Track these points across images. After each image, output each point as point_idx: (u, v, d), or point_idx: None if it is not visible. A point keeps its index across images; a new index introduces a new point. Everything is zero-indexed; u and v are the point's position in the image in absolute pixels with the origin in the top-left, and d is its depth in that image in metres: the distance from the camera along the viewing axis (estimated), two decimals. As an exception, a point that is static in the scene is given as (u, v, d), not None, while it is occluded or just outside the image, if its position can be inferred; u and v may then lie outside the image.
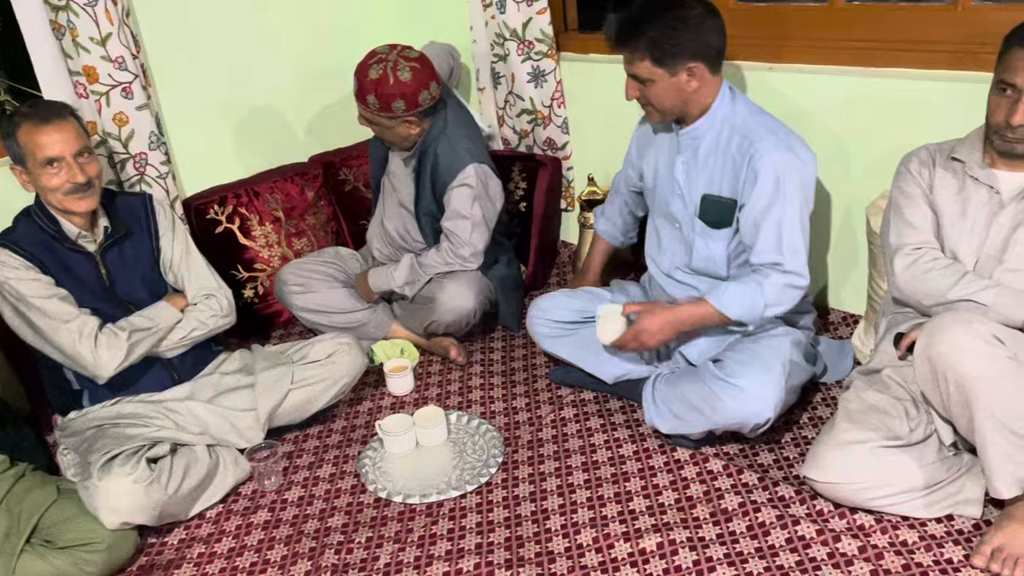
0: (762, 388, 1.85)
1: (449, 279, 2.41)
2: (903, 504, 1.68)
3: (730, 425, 1.90)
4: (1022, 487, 1.53)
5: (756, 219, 1.91)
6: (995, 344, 1.54)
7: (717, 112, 1.97)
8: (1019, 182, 1.75)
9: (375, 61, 2.29)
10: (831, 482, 1.69)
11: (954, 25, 2.06)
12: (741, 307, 1.91)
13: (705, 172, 2.01)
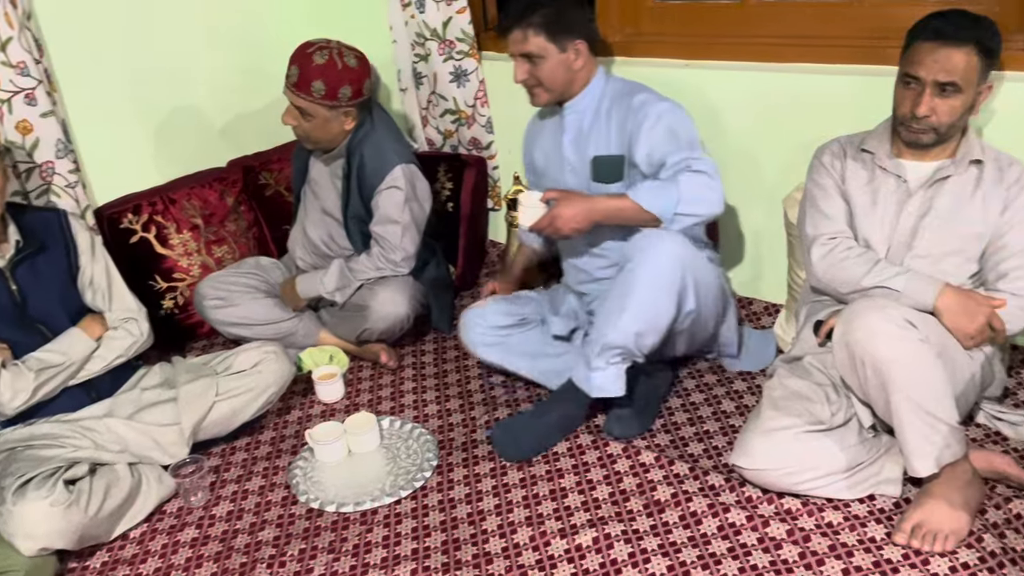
0: (661, 242, 1.87)
1: (380, 286, 2.38)
2: (827, 487, 1.72)
3: (647, 303, 1.87)
4: (939, 465, 1.59)
5: (652, 145, 2.00)
6: (908, 328, 1.60)
7: (595, 88, 2.13)
8: (925, 171, 1.83)
9: (317, 48, 2.25)
10: (758, 468, 1.73)
11: (858, 21, 2.14)
12: (656, 198, 1.92)
13: (592, 139, 2.12)
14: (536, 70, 2.06)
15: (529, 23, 2.02)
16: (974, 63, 1.69)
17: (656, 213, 1.92)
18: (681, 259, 1.88)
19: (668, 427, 2.07)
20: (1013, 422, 1.90)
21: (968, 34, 1.68)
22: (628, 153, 2.07)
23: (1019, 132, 1.95)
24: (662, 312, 1.90)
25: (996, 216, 1.78)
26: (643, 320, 1.89)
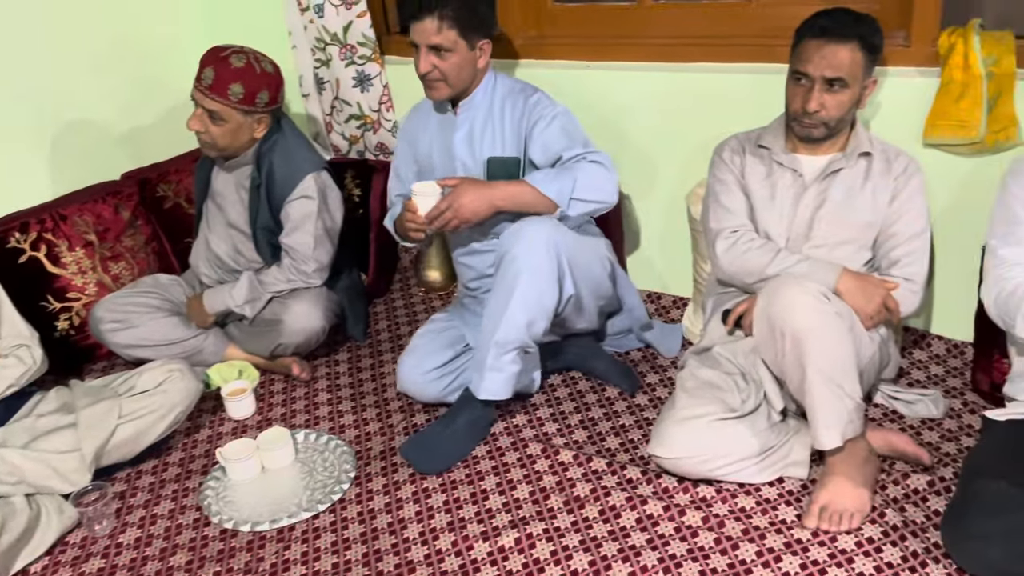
0: (532, 227, 1.89)
1: (293, 299, 2.32)
2: (740, 472, 1.78)
3: (530, 290, 1.88)
4: (843, 439, 1.66)
5: (547, 142, 2.02)
6: (824, 300, 1.66)
7: (487, 87, 2.13)
8: (819, 165, 1.91)
9: (233, 52, 2.18)
10: (675, 457, 1.77)
11: (750, 21, 2.21)
12: (553, 182, 1.94)
13: (487, 138, 2.11)
14: (443, 64, 2.03)
15: (444, 15, 1.99)
16: (859, 59, 1.77)
17: (553, 197, 1.93)
18: (554, 242, 1.89)
19: (585, 424, 2.10)
20: (908, 401, 2.00)
21: (852, 31, 1.76)
22: (523, 153, 2.09)
23: (902, 124, 2.05)
24: (546, 294, 1.91)
25: (885, 206, 1.88)
26: (530, 308, 1.90)
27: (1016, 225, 1.67)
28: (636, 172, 2.46)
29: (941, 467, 1.81)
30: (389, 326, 2.65)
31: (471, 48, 2.04)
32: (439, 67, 2.03)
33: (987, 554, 1.45)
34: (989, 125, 1.93)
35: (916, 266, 1.86)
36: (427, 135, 2.22)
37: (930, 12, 1.97)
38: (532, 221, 1.91)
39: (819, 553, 1.61)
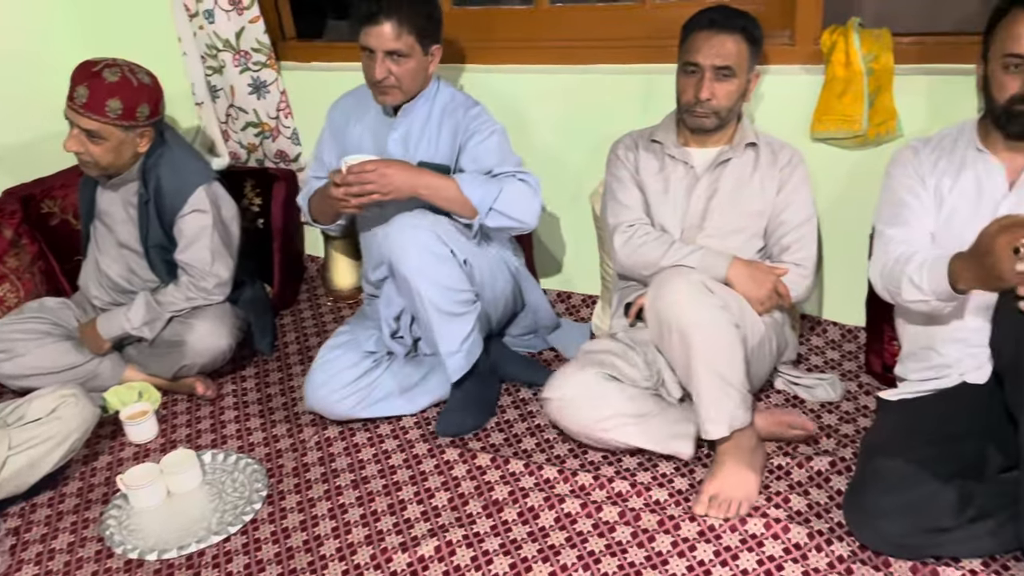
0: (409, 235, 1.91)
1: (196, 318, 2.23)
2: (622, 428, 1.83)
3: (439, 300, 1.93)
4: (730, 429, 1.72)
5: (480, 155, 2.04)
6: (709, 294, 1.71)
7: (430, 93, 2.12)
8: (709, 156, 1.97)
9: (105, 66, 2.06)
10: (560, 397, 1.84)
11: (643, 22, 2.26)
12: (478, 187, 1.95)
13: (422, 144, 2.11)
14: (398, 69, 2.00)
15: (403, 20, 1.96)
16: (744, 50, 1.86)
17: (475, 202, 1.94)
18: (431, 251, 1.91)
19: (502, 426, 2.10)
20: (808, 386, 2.08)
21: (737, 23, 1.85)
22: (454, 164, 2.09)
23: (791, 120, 2.13)
24: (455, 280, 1.94)
25: (773, 195, 1.95)
26: (445, 295, 1.93)
27: (901, 208, 1.76)
28: (540, 173, 2.46)
29: (841, 448, 1.90)
30: (297, 338, 2.59)
31: (425, 53, 2.03)
32: (395, 73, 2.00)
33: (886, 529, 1.53)
34: (871, 119, 2.03)
35: (805, 251, 1.94)
36: (360, 127, 2.19)
37: (812, 12, 2.05)
38: (406, 232, 1.91)
39: (731, 539, 1.65)
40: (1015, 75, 1.59)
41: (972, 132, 1.74)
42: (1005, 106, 1.62)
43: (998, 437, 1.58)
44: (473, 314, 2.00)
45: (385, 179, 1.90)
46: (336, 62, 2.61)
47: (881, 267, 1.73)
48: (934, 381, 1.72)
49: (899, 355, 1.87)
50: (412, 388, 2.13)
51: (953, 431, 1.60)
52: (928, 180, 1.75)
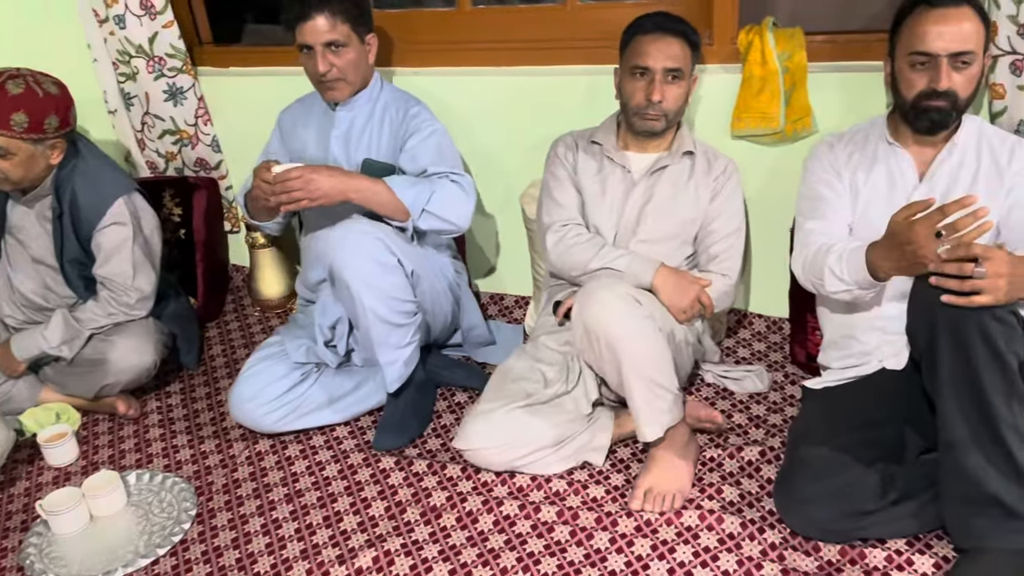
0: (348, 224, 1.88)
1: (118, 334, 2.14)
2: (539, 462, 1.83)
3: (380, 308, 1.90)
4: (663, 430, 1.74)
5: (418, 154, 2.03)
6: (635, 304, 1.73)
7: (373, 90, 2.12)
8: (648, 162, 1.99)
9: (8, 77, 1.95)
10: (474, 448, 1.81)
11: (566, 24, 2.27)
12: (410, 189, 1.94)
13: (364, 140, 2.10)
14: (339, 61, 2.00)
15: (335, 10, 1.95)
16: (688, 53, 1.89)
17: (407, 203, 1.93)
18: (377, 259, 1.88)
19: (438, 431, 2.08)
20: (736, 378, 2.13)
21: (680, 27, 1.88)
22: (397, 162, 2.08)
23: (712, 119, 2.18)
24: (399, 290, 1.91)
25: (706, 204, 1.99)
26: (386, 303, 1.90)
27: (818, 201, 1.81)
28: (472, 176, 2.47)
29: (770, 437, 1.94)
30: (224, 351, 2.53)
31: (362, 43, 2.04)
32: (337, 65, 2.00)
33: (815, 515, 1.57)
34: (787, 116, 2.08)
35: (732, 261, 1.98)
36: (306, 131, 2.18)
37: (728, 12, 2.10)
38: (348, 240, 1.88)
39: (667, 532, 1.68)
40: (921, 72, 1.66)
41: (883, 127, 1.81)
42: (913, 102, 1.68)
43: (916, 421, 1.64)
44: (414, 325, 1.98)
45: (312, 185, 1.86)
46: (255, 67, 2.56)
47: (803, 259, 1.78)
48: (855, 368, 1.78)
49: (821, 344, 1.93)
50: (343, 398, 2.10)
51: (874, 417, 1.66)
52: (843, 174, 1.80)
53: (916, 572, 1.53)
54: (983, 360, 1.40)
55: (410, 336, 1.98)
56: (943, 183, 1.73)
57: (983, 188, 1.70)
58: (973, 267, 1.39)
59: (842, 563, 1.56)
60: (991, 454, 1.42)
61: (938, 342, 1.44)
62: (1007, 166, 1.70)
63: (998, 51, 1.84)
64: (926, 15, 1.63)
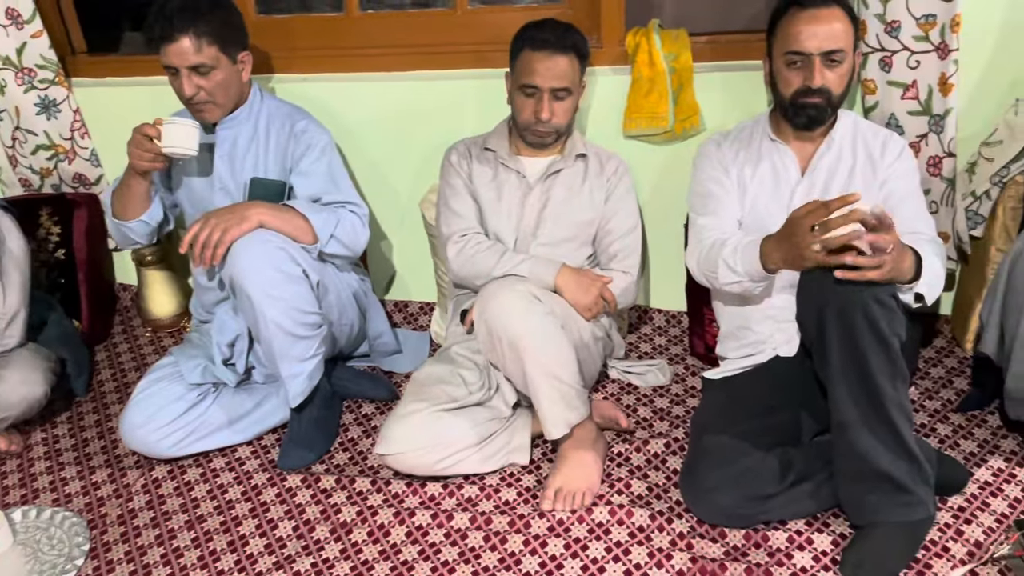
0: (249, 245, 1.81)
1: (3, 367, 1.99)
2: (463, 463, 1.81)
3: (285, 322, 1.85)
4: (569, 426, 1.76)
5: (312, 179, 1.99)
6: (535, 302, 1.74)
7: (253, 105, 2.04)
8: (542, 166, 2.00)
9: None
10: (396, 453, 1.78)
11: (457, 28, 2.27)
12: (319, 215, 1.91)
13: (250, 158, 2.03)
14: (207, 83, 1.90)
15: (201, 32, 1.85)
16: (576, 66, 1.89)
17: (316, 228, 1.90)
18: (281, 269, 1.84)
19: (345, 445, 2.04)
20: (639, 372, 2.17)
21: (568, 41, 1.87)
22: (288, 179, 2.03)
23: (604, 120, 2.22)
24: (304, 301, 1.86)
25: (602, 204, 2.02)
26: (291, 314, 1.84)
27: (709, 198, 1.87)
28: (369, 184, 2.44)
29: (674, 429, 1.99)
30: (114, 374, 2.41)
31: (233, 62, 1.95)
32: (204, 88, 1.90)
33: (719, 502, 1.62)
34: (676, 115, 2.14)
35: (631, 259, 2.02)
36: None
37: (615, 15, 2.14)
38: (254, 255, 1.81)
39: (579, 530, 1.69)
40: (796, 71, 1.73)
41: (765, 124, 1.88)
42: (790, 99, 1.75)
43: (810, 404, 1.71)
44: (319, 337, 1.93)
45: (219, 228, 1.79)
46: (135, 76, 2.44)
47: (698, 254, 1.83)
48: (751, 357, 1.84)
49: (718, 336, 1.99)
50: (244, 418, 2.02)
51: (770, 403, 1.72)
52: (731, 170, 1.87)
53: (816, 550, 1.59)
54: (869, 344, 1.47)
55: (314, 349, 1.93)
56: (823, 177, 1.81)
57: (859, 181, 1.79)
58: (855, 256, 1.45)
59: (747, 547, 1.61)
60: (880, 433, 1.50)
61: (826, 328, 1.51)
62: (880, 159, 1.80)
63: (868, 48, 1.94)
64: (798, 16, 1.70)
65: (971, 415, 1.95)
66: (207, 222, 1.81)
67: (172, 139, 1.83)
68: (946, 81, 1.89)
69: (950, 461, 1.71)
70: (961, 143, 2.02)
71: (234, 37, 1.94)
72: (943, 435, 1.90)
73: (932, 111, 1.94)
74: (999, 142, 1.96)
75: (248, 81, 2.03)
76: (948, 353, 2.19)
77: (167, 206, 2.11)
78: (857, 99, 2.07)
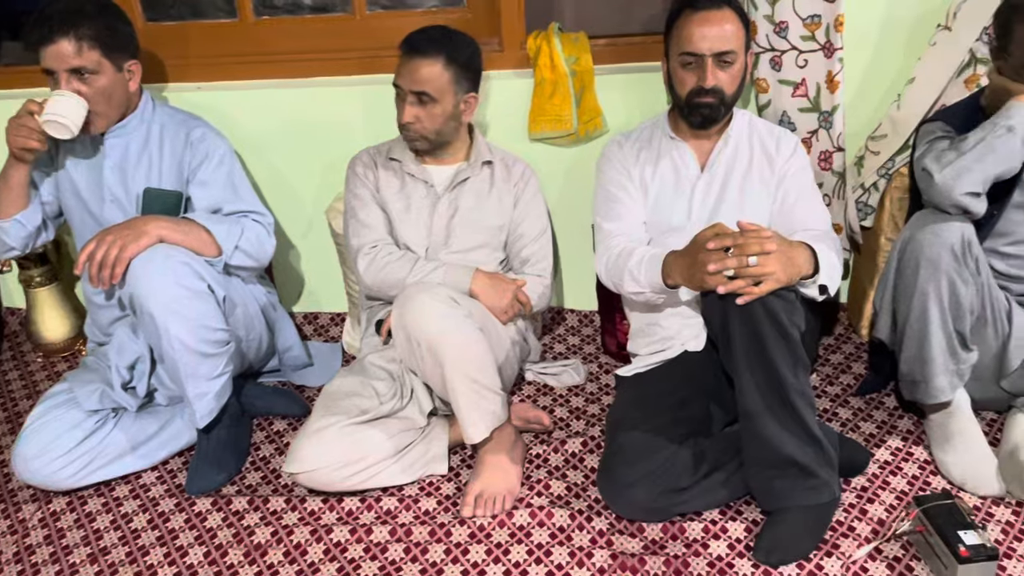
0: (150, 249, 1.75)
1: None
2: (380, 475, 1.79)
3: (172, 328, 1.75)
4: (489, 430, 1.75)
5: (213, 189, 1.94)
6: (454, 305, 1.73)
7: (144, 113, 1.96)
8: (448, 175, 1.99)
9: None
10: (308, 471, 1.73)
11: (356, 33, 2.23)
12: (221, 226, 1.86)
13: (142, 168, 1.94)
14: (88, 89, 1.80)
15: (82, 34, 1.76)
16: (446, 74, 1.84)
17: (220, 240, 1.84)
18: (185, 285, 1.77)
19: (257, 464, 1.98)
20: (554, 373, 2.18)
21: (438, 48, 1.83)
22: (185, 190, 1.95)
23: (510, 124, 2.22)
24: (209, 318, 1.79)
25: (510, 209, 2.02)
26: (196, 333, 1.77)
27: (613, 203, 1.89)
28: (273, 193, 2.37)
29: (590, 427, 2.01)
30: (3, 404, 2.27)
31: (119, 70, 1.85)
32: (85, 94, 1.80)
33: (636, 497, 1.64)
34: (579, 117, 2.16)
35: (544, 262, 2.03)
36: (74, 162, 1.96)
37: (515, 19, 2.14)
38: (163, 252, 1.75)
39: (501, 535, 1.69)
40: (690, 71, 1.78)
41: (665, 123, 1.92)
42: (686, 99, 1.80)
43: (719, 396, 1.76)
44: (226, 354, 1.86)
45: (116, 245, 1.71)
46: (17, 88, 2.31)
47: (606, 261, 1.85)
48: (661, 353, 1.87)
49: (629, 333, 2.02)
50: (148, 442, 1.94)
51: (681, 396, 1.76)
52: (633, 171, 1.90)
53: (731, 538, 1.63)
54: (770, 335, 1.51)
55: (222, 367, 1.86)
56: (722, 172, 1.87)
57: (756, 177, 1.86)
58: (748, 284, 1.50)
59: (665, 539, 1.64)
60: (784, 420, 1.55)
61: (730, 323, 1.55)
62: (775, 155, 1.86)
63: (759, 48, 2.00)
64: (691, 18, 1.75)
65: (869, 398, 2.04)
66: (103, 239, 1.72)
67: (54, 107, 1.75)
68: (833, 79, 1.97)
69: (852, 443, 1.78)
70: (849, 138, 2.11)
71: (120, 44, 1.85)
72: (844, 419, 1.98)
73: (821, 108, 2.02)
74: (884, 136, 2.05)
75: (138, 90, 1.94)
76: (846, 340, 2.29)
77: (48, 215, 1.99)
78: (751, 98, 2.13)
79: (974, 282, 1.65)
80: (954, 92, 1.95)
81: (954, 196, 1.62)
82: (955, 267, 1.62)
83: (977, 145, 1.61)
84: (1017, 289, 1.78)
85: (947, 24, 1.92)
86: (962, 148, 1.62)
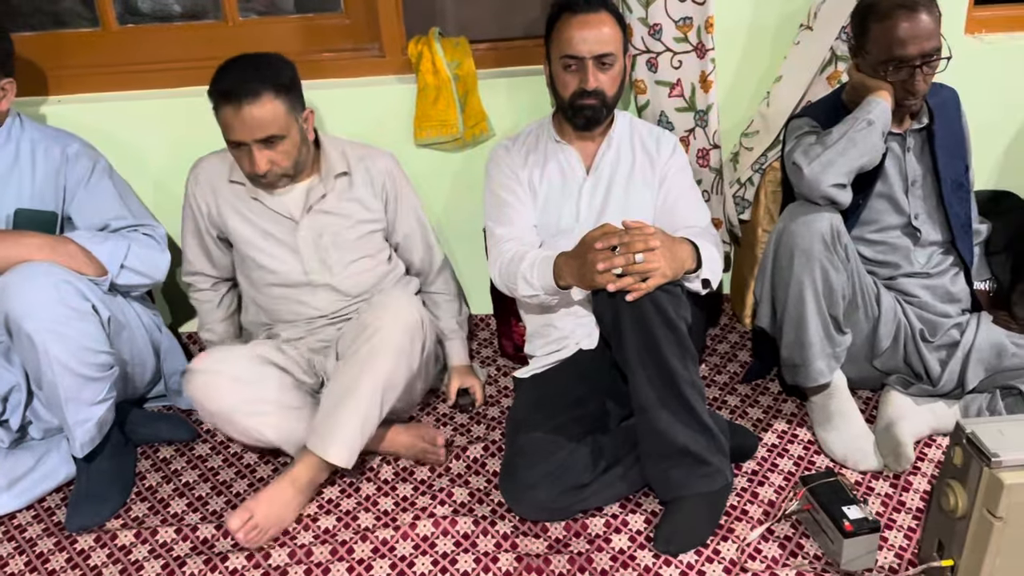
0: (28, 267, 1.65)
1: None
2: (270, 416, 1.77)
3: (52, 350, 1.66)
4: (352, 457, 1.71)
5: (96, 205, 1.86)
6: None
7: (10, 131, 1.85)
8: (301, 198, 1.89)
9: None
10: (211, 371, 1.73)
11: (229, 40, 2.16)
12: (104, 245, 1.77)
13: (12, 188, 1.83)
14: None
15: None
16: (278, 107, 1.72)
17: (103, 260, 1.75)
18: (68, 304, 1.67)
19: (143, 494, 1.88)
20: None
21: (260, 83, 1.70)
22: (61, 209, 1.84)
23: (395, 130, 2.19)
24: (93, 339, 1.70)
25: (383, 213, 1.98)
26: (76, 356, 1.68)
27: (503, 207, 1.90)
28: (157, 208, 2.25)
29: (491, 432, 2.01)
30: None
31: None
32: None
33: (537, 498, 1.65)
34: (465, 122, 2.16)
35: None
36: None
37: (394, 24, 2.12)
38: (42, 270, 1.64)
39: (405, 548, 1.66)
40: (572, 74, 1.80)
41: (550, 126, 1.94)
42: (569, 101, 1.83)
43: (614, 392, 1.79)
44: (110, 379, 1.76)
45: None
46: None
47: (499, 266, 1.85)
48: (556, 353, 1.89)
49: (526, 335, 2.03)
50: (22, 479, 1.81)
51: (578, 395, 1.78)
52: (521, 175, 1.91)
53: (632, 530, 1.66)
54: (659, 329, 1.55)
55: (105, 392, 1.75)
56: (607, 174, 1.90)
57: (639, 178, 1.90)
58: (636, 281, 1.54)
59: (568, 538, 1.66)
60: (676, 411, 1.59)
61: (621, 319, 1.58)
62: (656, 155, 1.91)
63: (636, 50, 2.05)
64: (570, 22, 1.77)
65: (755, 384, 2.12)
66: None
67: None
68: (706, 79, 2.04)
69: (741, 429, 1.85)
70: (724, 135, 2.19)
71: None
72: (733, 405, 2.05)
73: (696, 107, 2.09)
74: (756, 132, 2.14)
75: (7, 109, 1.83)
76: (731, 329, 2.38)
77: None
78: (631, 99, 2.18)
79: (844, 268, 1.74)
80: (818, 88, 2.05)
81: (822, 188, 1.71)
82: (827, 255, 1.71)
83: (840, 139, 1.70)
84: (884, 273, 1.89)
85: (809, 24, 2.02)
86: (827, 142, 1.71)
